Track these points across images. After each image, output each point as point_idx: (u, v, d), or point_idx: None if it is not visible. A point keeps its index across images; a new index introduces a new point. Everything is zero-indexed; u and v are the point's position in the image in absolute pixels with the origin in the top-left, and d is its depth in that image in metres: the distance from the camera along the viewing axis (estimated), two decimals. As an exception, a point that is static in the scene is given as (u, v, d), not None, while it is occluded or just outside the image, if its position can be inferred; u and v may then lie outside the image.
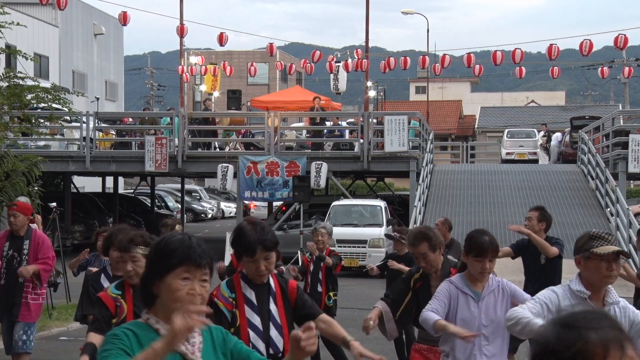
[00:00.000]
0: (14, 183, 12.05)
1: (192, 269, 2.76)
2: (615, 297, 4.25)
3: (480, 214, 21.00)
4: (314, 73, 32.47)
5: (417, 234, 5.81)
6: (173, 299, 2.73)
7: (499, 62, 25.87)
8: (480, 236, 5.05)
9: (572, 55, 48.17)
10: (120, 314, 4.89)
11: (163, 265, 2.76)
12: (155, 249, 2.85)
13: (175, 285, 2.73)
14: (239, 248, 4.27)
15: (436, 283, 5.61)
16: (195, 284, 2.76)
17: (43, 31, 35.69)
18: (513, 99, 68.13)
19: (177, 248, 2.77)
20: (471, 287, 5.10)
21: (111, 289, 5.00)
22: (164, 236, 2.89)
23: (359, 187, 36.39)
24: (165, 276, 2.75)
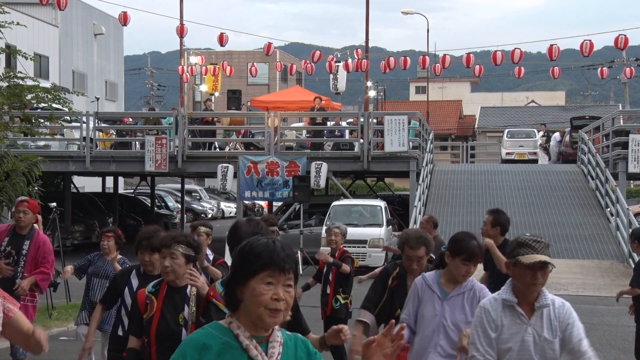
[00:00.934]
0: (14, 183, 12.06)
1: (276, 274, 2.72)
2: (546, 299, 4.17)
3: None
4: (314, 73, 32.47)
5: (418, 238, 5.75)
6: (257, 304, 2.70)
7: (499, 62, 25.86)
8: (469, 240, 5.01)
9: (572, 55, 48.22)
10: (150, 310, 5.01)
11: (247, 270, 2.73)
12: (240, 253, 2.81)
13: (259, 290, 2.70)
14: (233, 243, 4.32)
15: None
16: (279, 289, 2.71)
17: (43, 31, 35.69)
18: (513, 99, 68.13)
19: (262, 252, 2.74)
20: (442, 285, 5.07)
21: (148, 287, 5.14)
22: (249, 240, 2.85)
23: (359, 187, 36.39)
24: (249, 280, 2.72)
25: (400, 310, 5.48)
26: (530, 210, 21.32)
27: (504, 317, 4.18)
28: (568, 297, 12.41)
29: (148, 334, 4.97)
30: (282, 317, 2.73)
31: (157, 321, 4.97)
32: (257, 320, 2.72)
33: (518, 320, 4.16)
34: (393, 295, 5.81)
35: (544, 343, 4.14)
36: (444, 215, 20.81)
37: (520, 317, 4.16)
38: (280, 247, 2.77)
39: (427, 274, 5.18)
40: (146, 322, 5.01)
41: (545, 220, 20.33)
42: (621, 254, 18.61)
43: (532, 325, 4.15)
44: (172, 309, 5.01)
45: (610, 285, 16.41)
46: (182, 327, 4.99)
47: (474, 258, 4.96)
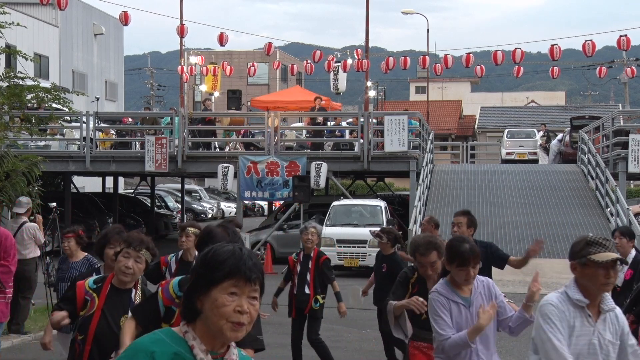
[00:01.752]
0: (14, 183, 12.06)
1: (241, 284, 2.51)
2: (610, 303, 4.14)
3: (480, 214, 20.95)
4: (314, 73, 32.47)
5: (427, 244, 5.68)
6: (218, 315, 2.49)
7: (499, 62, 25.85)
8: (460, 245, 4.96)
9: (572, 55, 48.23)
10: (89, 309, 4.85)
11: (209, 278, 2.51)
12: (203, 259, 2.59)
13: (221, 300, 2.49)
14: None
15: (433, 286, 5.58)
16: (244, 300, 2.51)
17: (43, 31, 35.69)
18: (513, 99, 68.13)
19: (226, 259, 2.53)
20: (459, 293, 5.00)
21: (89, 282, 4.96)
22: (213, 246, 2.63)
23: (359, 187, 36.38)
24: (210, 289, 2.51)
25: (426, 315, 5.39)
26: (530, 210, 21.31)
27: (575, 319, 4.08)
28: (568, 297, 12.41)
29: (85, 332, 4.80)
30: (244, 331, 2.52)
31: (97, 320, 4.81)
32: (216, 333, 2.51)
33: (586, 322, 4.07)
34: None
35: (609, 346, 4.09)
36: (444, 215, 20.78)
37: (589, 320, 4.07)
38: (247, 255, 2.57)
39: (439, 287, 5.06)
40: (84, 320, 4.85)
41: (545, 220, 20.32)
42: (621, 254, 18.60)
43: (597, 329, 4.08)
44: (115, 310, 4.85)
45: (610, 285, 16.41)
46: None
47: (467, 262, 4.90)
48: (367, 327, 12.17)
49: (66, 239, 8.19)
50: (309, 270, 8.96)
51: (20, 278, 11.68)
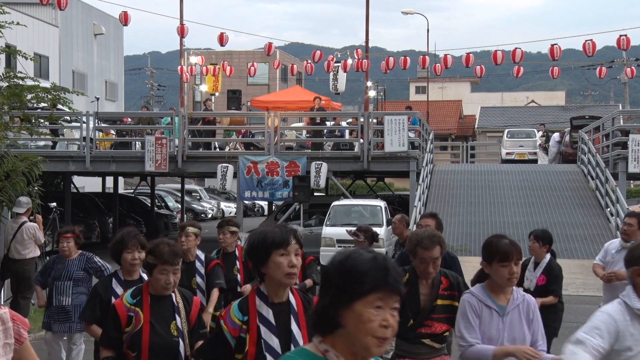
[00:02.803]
0: (14, 183, 12.05)
1: (387, 296, 2.36)
2: None
3: (480, 214, 21.00)
4: (314, 73, 32.46)
5: (431, 237, 5.25)
6: (364, 332, 2.32)
7: (499, 62, 25.85)
8: (499, 240, 4.67)
9: (572, 55, 48.23)
10: (135, 324, 4.70)
11: (352, 291, 2.33)
12: (340, 269, 2.38)
13: (367, 316, 2.32)
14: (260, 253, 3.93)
15: (426, 291, 5.25)
16: (388, 313, 2.36)
17: (43, 31, 35.68)
18: (513, 99, 68.11)
19: (369, 270, 2.35)
20: (494, 299, 4.63)
21: (127, 298, 4.80)
22: (349, 254, 2.43)
23: (359, 187, 36.38)
24: (353, 303, 2.34)
25: (412, 321, 5.15)
26: (530, 210, 21.31)
27: (632, 327, 3.97)
28: (568, 297, 12.41)
29: (138, 348, 4.67)
30: (387, 346, 2.39)
31: (148, 334, 4.68)
32: (360, 349, 2.35)
33: None
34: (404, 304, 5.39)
35: None
36: (444, 215, 20.77)
37: None
38: (390, 263, 2.39)
39: (475, 290, 4.71)
40: (134, 336, 4.70)
41: (545, 220, 20.32)
42: (621, 254, 18.61)
43: None
44: (162, 319, 4.74)
45: (610, 285, 16.40)
46: (177, 338, 4.74)
47: (510, 256, 4.55)
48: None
49: (65, 239, 8.19)
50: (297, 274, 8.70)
51: (20, 278, 11.70)
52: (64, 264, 8.21)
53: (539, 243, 7.74)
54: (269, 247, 3.63)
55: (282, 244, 3.64)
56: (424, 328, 5.20)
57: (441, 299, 5.22)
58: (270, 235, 3.67)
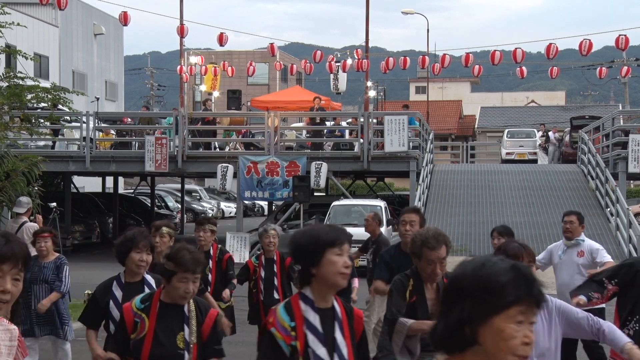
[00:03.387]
0: (14, 183, 12.07)
1: (528, 310, 2.11)
2: None
3: (480, 214, 20.99)
4: (314, 73, 32.47)
5: (437, 236, 4.96)
6: (505, 350, 2.08)
7: (497, 61, 25.85)
8: (509, 243, 4.61)
9: (572, 55, 48.20)
10: (139, 331, 4.49)
11: (491, 304, 2.09)
12: (476, 279, 2.13)
13: (509, 332, 2.08)
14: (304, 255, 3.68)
15: (432, 296, 5.01)
16: (527, 329, 2.12)
17: (43, 31, 35.68)
18: (513, 99, 68.12)
19: (510, 281, 2.11)
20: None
21: (136, 302, 4.59)
22: (482, 262, 2.18)
23: (359, 187, 36.38)
24: (492, 318, 2.09)
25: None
26: (530, 210, 21.31)
27: None
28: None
29: (138, 357, 4.45)
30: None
31: (150, 343, 4.45)
32: None
33: None
34: (415, 312, 5.00)
35: None
36: (444, 215, 20.81)
37: None
38: (530, 272, 2.15)
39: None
40: (135, 344, 4.48)
41: (545, 220, 20.32)
42: (621, 254, 18.60)
43: None
44: (168, 329, 4.48)
45: (610, 285, 16.41)
46: (183, 350, 4.48)
47: (520, 258, 4.38)
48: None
49: (42, 239, 8.06)
50: (276, 275, 8.50)
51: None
52: (39, 267, 8.11)
53: (504, 239, 7.42)
54: (323, 245, 3.46)
55: (337, 243, 3.48)
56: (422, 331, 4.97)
57: None
58: (324, 233, 3.51)
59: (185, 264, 4.47)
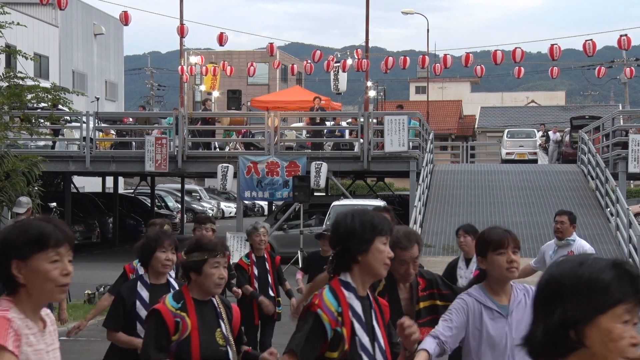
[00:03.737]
0: (14, 183, 12.06)
1: (633, 309, 2.00)
2: None
3: (480, 214, 20.98)
4: (314, 73, 32.47)
5: (407, 234, 4.77)
6: (615, 352, 1.98)
7: (499, 61, 25.84)
8: (492, 229, 4.41)
9: (572, 55, 48.25)
10: (182, 331, 4.22)
11: (596, 303, 1.98)
12: (576, 279, 2.01)
13: (617, 332, 1.97)
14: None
15: (406, 295, 4.83)
16: (634, 329, 2.01)
17: (43, 31, 35.69)
18: (513, 99, 68.14)
19: (614, 279, 1.99)
20: (495, 299, 4.24)
21: (170, 302, 4.29)
22: (580, 261, 2.07)
23: (359, 187, 36.38)
24: (598, 318, 1.99)
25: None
26: (530, 210, 21.31)
27: None
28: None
29: (188, 357, 4.20)
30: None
31: (197, 343, 4.21)
32: None
33: None
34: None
35: None
36: (444, 215, 20.80)
37: None
38: (634, 270, 2.03)
39: (472, 291, 4.30)
40: (180, 345, 4.21)
41: (546, 220, 20.29)
42: (621, 254, 18.60)
43: None
44: (207, 326, 4.27)
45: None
46: (225, 346, 4.27)
47: (505, 242, 4.22)
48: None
49: None
50: (269, 272, 8.39)
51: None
52: None
53: (470, 237, 7.37)
54: (375, 233, 3.36)
55: (385, 232, 3.40)
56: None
57: (422, 301, 4.86)
58: (377, 220, 3.40)
59: (215, 248, 4.28)
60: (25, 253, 2.65)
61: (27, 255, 2.65)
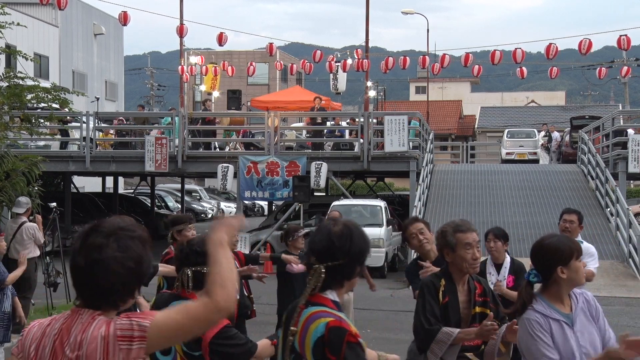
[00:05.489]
0: (14, 183, 12.07)
1: None
2: None
3: (480, 214, 20.99)
4: (314, 73, 32.47)
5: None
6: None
7: (497, 61, 25.84)
8: (563, 238, 4.17)
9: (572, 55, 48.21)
10: None
11: None
12: None
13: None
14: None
15: (464, 298, 4.75)
16: None
17: (43, 31, 35.69)
18: (513, 99, 68.14)
19: None
20: (558, 309, 4.04)
21: None
22: None
23: (359, 187, 36.38)
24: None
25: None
26: (530, 210, 21.32)
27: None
28: (568, 297, 12.42)
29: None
30: None
31: None
32: None
33: None
34: (448, 315, 4.73)
35: None
36: (444, 215, 20.80)
37: None
38: None
39: (536, 306, 4.05)
40: None
41: (545, 220, 20.32)
42: (621, 254, 18.62)
43: None
44: None
45: (610, 285, 16.42)
46: None
47: (574, 254, 4.03)
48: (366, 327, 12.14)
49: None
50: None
51: (20, 278, 11.68)
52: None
53: (500, 241, 7.14)
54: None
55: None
56: (468, 340, 4.68)
57: (479, 307, 4.75)
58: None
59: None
60: None
61: None
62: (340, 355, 3.00)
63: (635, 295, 15.63)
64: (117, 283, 2.57)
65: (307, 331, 3.08)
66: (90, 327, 2.54)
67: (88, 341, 2.52)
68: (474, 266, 4.69)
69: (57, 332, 2.60)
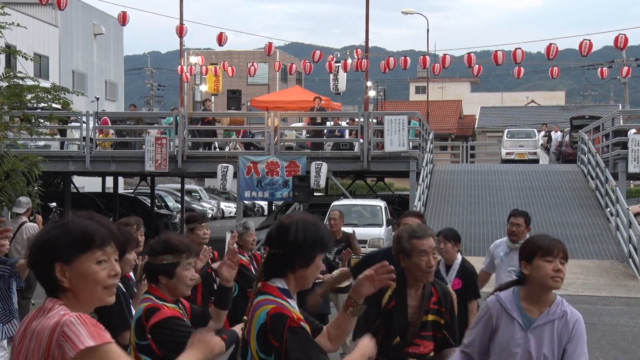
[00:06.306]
0: (14, 183, 12.07)
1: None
2: None
3: (480, 214, 21.00)
4: (314, 73, 32.47)
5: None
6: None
7: (500, 62, 25.84)
8: (542, 236, 4.12)
9: (571, 55, 48.22)
10: None
11: None
12: None
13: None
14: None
15: (415, 302, 4.61)
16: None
17: (43, 31, 35.70)
18: (513, 99, 68.16)
19: None
20: (524, 310, 3.99)
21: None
22: None
23: (359, 187, 36.39)
24: None
25: (399, 338, 4.57)
26: (530, 210, 21.15)
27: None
28: (568, 297, 12.42)
29: None
30: None
31: None
32: None
33: None
34: (391, 319, 4.61)
35: None
36: (444, 215, 20.82)
37: None
38: None
39: (502, 294, 4.05)
40: None
41: (545, 220, 20.33)
42: (621, 254, 18.62)
43: None
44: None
45: (610, 285, 16.42)
46: None
47: (555, 251, 3.95)
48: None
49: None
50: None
51: (20, 278, 11.70)
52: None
53: (450, 243, 6.97)
54: (320, 250, 3.29)
55: (330, 248, 3.47)
56: (412, 347, 4.58)
57: (432, 314, 4.62)
58: (326, 238, 3.30)
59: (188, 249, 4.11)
60: (70, 255, 2.48)
61: (72, 257, 2.48)
62: (283, 341, 3.05)
63: (635, 295, 15.63)
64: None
65: (253, 319, 3.14)
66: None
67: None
68: (428, 274, 4.51)
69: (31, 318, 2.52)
